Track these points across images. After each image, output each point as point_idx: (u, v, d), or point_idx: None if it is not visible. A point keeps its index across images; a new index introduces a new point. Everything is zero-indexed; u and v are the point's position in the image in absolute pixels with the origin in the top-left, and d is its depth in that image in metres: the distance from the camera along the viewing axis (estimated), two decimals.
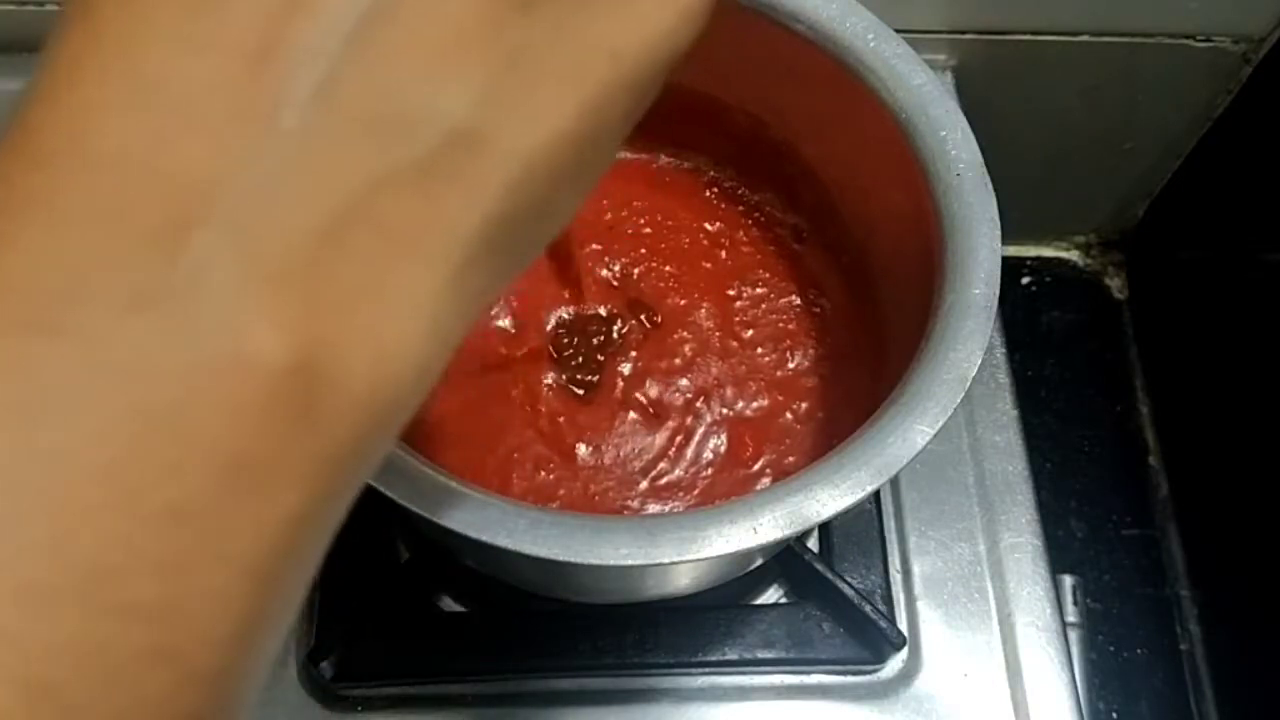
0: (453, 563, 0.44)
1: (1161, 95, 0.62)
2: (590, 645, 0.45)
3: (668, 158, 0.50)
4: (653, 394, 0.44)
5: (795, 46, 0.40)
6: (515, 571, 0.43)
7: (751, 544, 0.31)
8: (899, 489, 0.50)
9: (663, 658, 0.45)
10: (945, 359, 0.34)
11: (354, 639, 0.43)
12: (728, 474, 0.43)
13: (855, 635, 0.45)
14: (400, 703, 0.45)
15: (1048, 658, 0.47)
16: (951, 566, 0.48)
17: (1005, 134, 0.52)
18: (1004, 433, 0.51)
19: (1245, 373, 0.64)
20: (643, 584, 0.42)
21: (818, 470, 0.33)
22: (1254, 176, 0.63)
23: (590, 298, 0.46)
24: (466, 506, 0.31)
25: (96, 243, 0.15)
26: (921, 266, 0.38)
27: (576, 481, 0.43)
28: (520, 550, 0.30)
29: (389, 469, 0.31)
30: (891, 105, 0.39)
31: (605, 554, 0.30)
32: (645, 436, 0.44)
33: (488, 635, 0.45)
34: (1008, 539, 0.49)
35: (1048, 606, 0.47)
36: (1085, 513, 0.68)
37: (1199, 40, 0.58)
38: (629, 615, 0.45)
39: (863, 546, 0.47)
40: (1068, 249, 0.77)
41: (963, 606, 0.47)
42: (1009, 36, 0.59)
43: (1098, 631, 0.62)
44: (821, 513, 0.32)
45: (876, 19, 0.40)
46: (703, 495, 0.43)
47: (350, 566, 0.46)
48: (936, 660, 0.46)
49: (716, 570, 0.42)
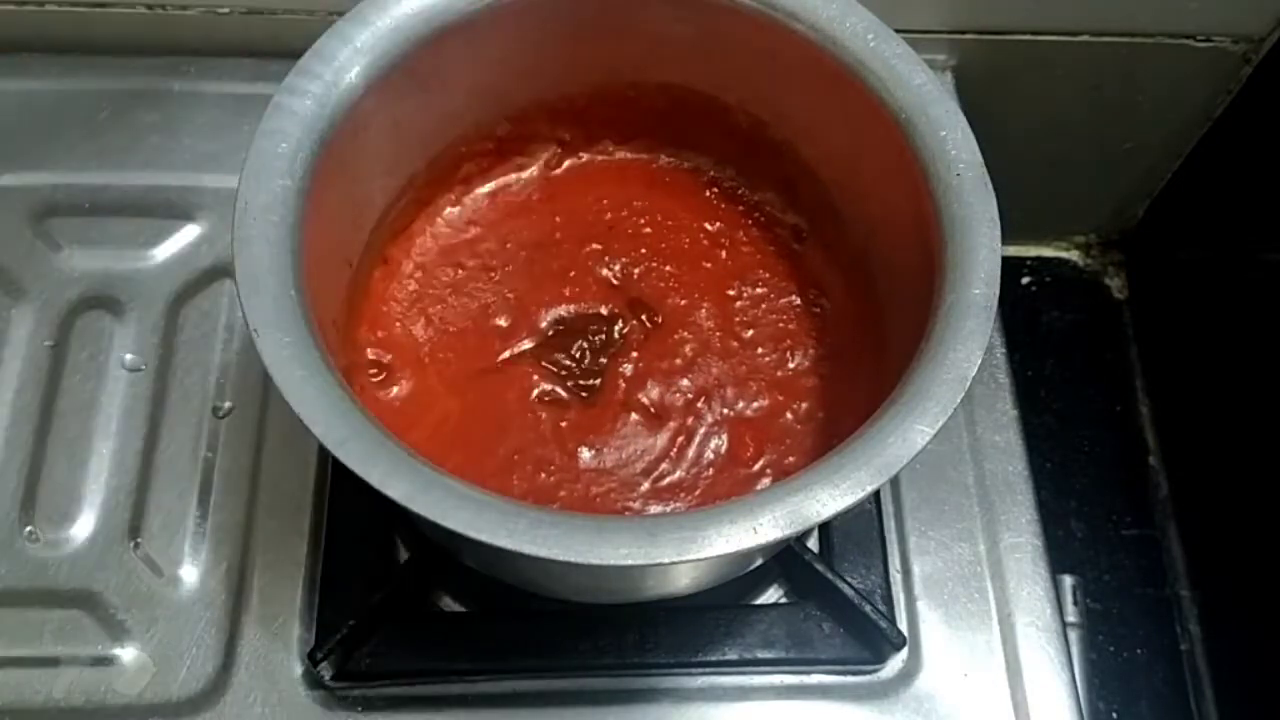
0: (453, 563, 0.44)
1: (1161, 95, 0.62)
2: (590, 645, 0.45)
3: (668, 158, 0.50)
4: (653, 394, 0.44)
5: (795, 46, 0.40)
6: (515, 571, 0.43)
7: (751, 544, 0.31)
8: (899, 489, 0.50)
9: (663, 658, 0.45)
10: (945, 359, 0.34)
11: (354, 639, 0.43)
12: (728, 474, 0.43)
13: (855, 635, 0.45)
14: (400, 703, 0.45)
15: (1048, 658, 0.47)
16: (951, 566, 0.48)
17: (1005, 134, 0.52)
18: (1004, 433, 0.51)
19: (1245, 373, 0.64)
20: (643, 584, 0.42)
21: (818, 470, 0.33)
22: (1254, 176, 0.63)
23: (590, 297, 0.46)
24: (466, 506, 0.31)
25: None
26: (921, 266, 0.38)
27: (578, 483, 0.43)
28: (520, 550, 0.30)
29: (389, 469, 0.31)
30: (891, 105, 0.39)
31: (605, 554, 0.30)
32: (646, 438, 0.44)
33: (488, 635, 0.45)
34: (1008, 539, 0.49)
35: (1048, 606, 0.47)
36: (1085, 513, 0.68)
37: (1199, 40, 0.58)
38: (629, 615, 0.45)
39: (863, 546, 0.47)
40: (1068, 249, 0.77)
41: (963, 606, 0.48)
42: (1009, 36, 0.59)
43: (1098, 631, 0.62)
44: (821, 513, 0.32)
45: (876, 19, 0.40)
46: (703, 496, 0.43)
47: (350, 566, 0.46)
48: (936, 660, 0.46)
49: (717, 570, 0.42)
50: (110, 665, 0.45)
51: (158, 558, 0.47)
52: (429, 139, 0.45)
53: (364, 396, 0.43)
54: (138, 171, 0.55)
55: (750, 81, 0.45)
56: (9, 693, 0.44)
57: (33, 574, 0.46)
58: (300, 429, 0.32)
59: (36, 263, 0.53)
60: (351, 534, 0.46)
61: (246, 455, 0.49)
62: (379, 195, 0.44)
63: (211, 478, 0.48)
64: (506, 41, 0.42)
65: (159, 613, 0.46)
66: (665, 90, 0.46)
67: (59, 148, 0.55)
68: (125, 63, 0.58)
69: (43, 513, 0.47)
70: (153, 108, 0.57)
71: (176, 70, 0.58)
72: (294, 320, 0.33)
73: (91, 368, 0.50)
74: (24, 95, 0.57)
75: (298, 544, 0.47)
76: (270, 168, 0.36)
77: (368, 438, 0.32)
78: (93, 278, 0.52)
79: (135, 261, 0.53)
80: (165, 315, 0.52)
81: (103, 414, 0.49)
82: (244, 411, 0.50)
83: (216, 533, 0.47)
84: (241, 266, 0.34)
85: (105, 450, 0.49)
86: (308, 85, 0.37)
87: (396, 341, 0.45)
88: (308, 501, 0.48)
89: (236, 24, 0.58)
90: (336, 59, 0.38)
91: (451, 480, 0.32)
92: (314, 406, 0.32)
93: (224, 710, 0.44)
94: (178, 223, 0.54)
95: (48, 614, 0.45)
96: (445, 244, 0.47)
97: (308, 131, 0.37)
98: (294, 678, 0.45)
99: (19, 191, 0.54)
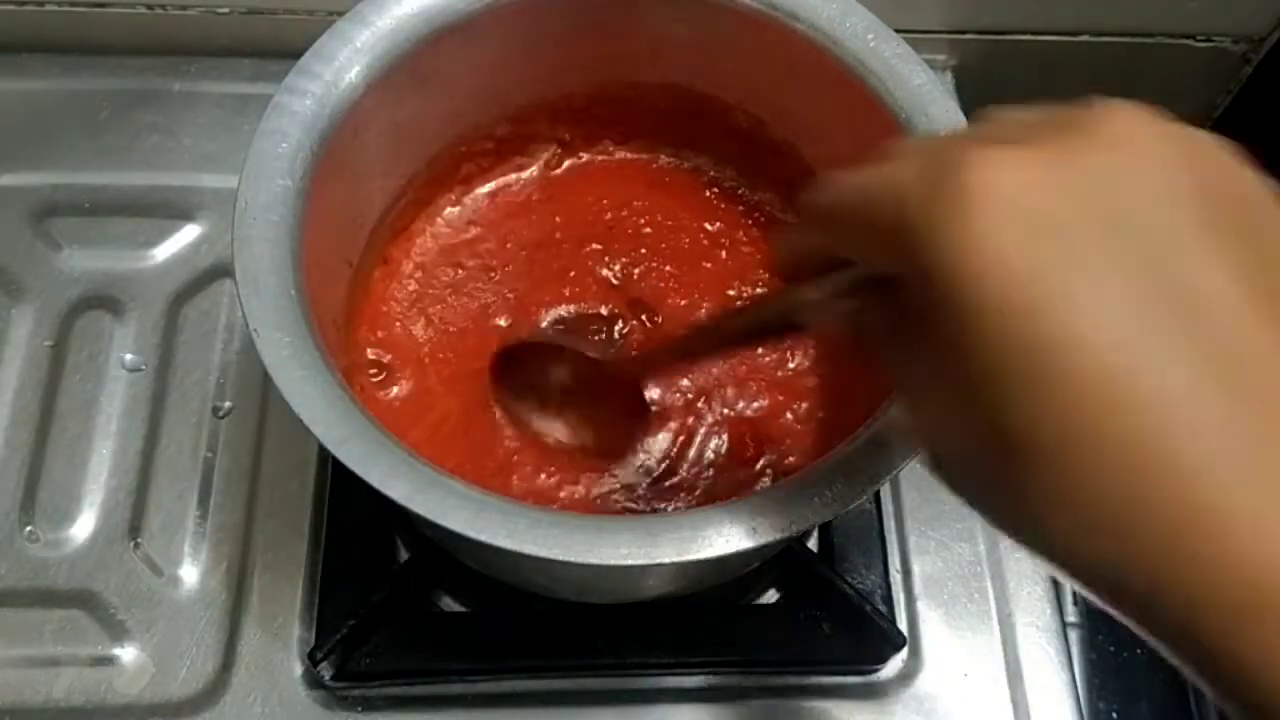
0: (453, 563, 0.44)
1: (1161, 95, 0.62)
2: (590, 645, 0.45)
3: (668, 158, 0.50)
4: (653, 394, 0.44)
5: (795, 46, 0.40)
6: (515, 571, 0.43)
7: (751, 544, 0.31)
8: (899, 489, 0.50)
9: (663, 658, 0.45)
10: None
11: (354, 639, 0.43)
12: (728, 474, 0.43)
13: (855, 635, 0.45)
14: (400, 703, 0.45)
15: (1048, 658, 0.47)
16: (951, 566, 0.48)
17: None
18: None
19: None
20: (643, 584, 0.42)
21: (818, 470, 0.33)
22: None
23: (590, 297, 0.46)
24: (466, 506, 0.31)
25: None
26: None
27: (578, 484, 0.43)
28: (520, 550, 0.30)
29: (389, 469, 0.31)
30: (891, 105, 0.39)
31: (605, 554, 0.30)
32: (647, 438, 0.44)
33: (488, 635, 0.45)
34: (1008, 539, 0.49)
35: (1048, 606, 0.47)
36: None
37: (1199, 40, 0.58)
38: (629, 615, 0.45)
39: (863, 546, 0.47)
40: None
41: (963, 606, 0.47)
42: (1009, 36, 0.59)
43: (1098, 631, 0.62)
44: (821, 513, 0.32)
45: (876, 19, 0.40)
46: (704, 495, 0.43)
47: (350, 566, 0.46)
48: (936, 660, 0.46)
49: (717, 569, 0.42)
50: (110, 665, 0.45)
51: (158, 558, 0.47)
52: (429, 139, 0.45)
53: (364, 396, 0.43)
54: (138, 171, 0.55)
55: (750, 81, 0.45)
56: (9, 693, 0.44)
57: (33, 574, 0.46)
58: (300, 429, 0.32)
59: (36, 263, 0.53)
60: (351, 534, 0.46)
61: (246, 455, 0.49)
62: (379, 195, 0.44)
63: (211, 478, 0.48)
64: (506, 41, 0.42)
65: (159, 613, 0.46)
66: (665, 90, 0.46)
67: (59, 148, 0.55)
68: (125, 63, 0.58)
69: (43, 513, 0.47)
70: (153, 108, 0.57)
71: (176, 70, 0.58)
72: (294, 320, 0.33)
73: (91, 368, 0.50)
74: (24, 95, 0.57)
75: (298, 544, 0.47)
76: (270, 168, 0.36)
77: (368, 438, 0.32)
78: (93, 278, 0.52)
79: (135, 261, 0.53)
80: (165, 315, 0.52)
81: (103, 414, 0.49)
82: (244, 411, 0.50)
83: (216, 533, 0.47)
84: (241, 266, 0.34)
85: (105, 450, 0.49)
86: (308, 85, 0.37)
87: (396, 341, 0.45)
88: (308, 501, 0.48)
89: (236, 24, 0.58)
90: (336, 59, 0.38)
91: (451, 480, 0.32)
92: (314, 406, 0.32)
93: (224, 710, 0.44)
94: (178, 223, 0.54)
95: (48, 614, 0.45)
96: (445, 244, 0.47)
97: (308, 131, 0.37)
98: (294, 678, 0.45)
99: (19, 191, 0.54)
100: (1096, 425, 0.20)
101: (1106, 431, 0.20)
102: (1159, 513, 0.20)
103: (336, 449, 0.31)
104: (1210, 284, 0.20)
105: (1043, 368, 0.20)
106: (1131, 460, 0.20)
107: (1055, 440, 0.20)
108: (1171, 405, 0.20)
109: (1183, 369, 0.20)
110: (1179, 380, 0.20)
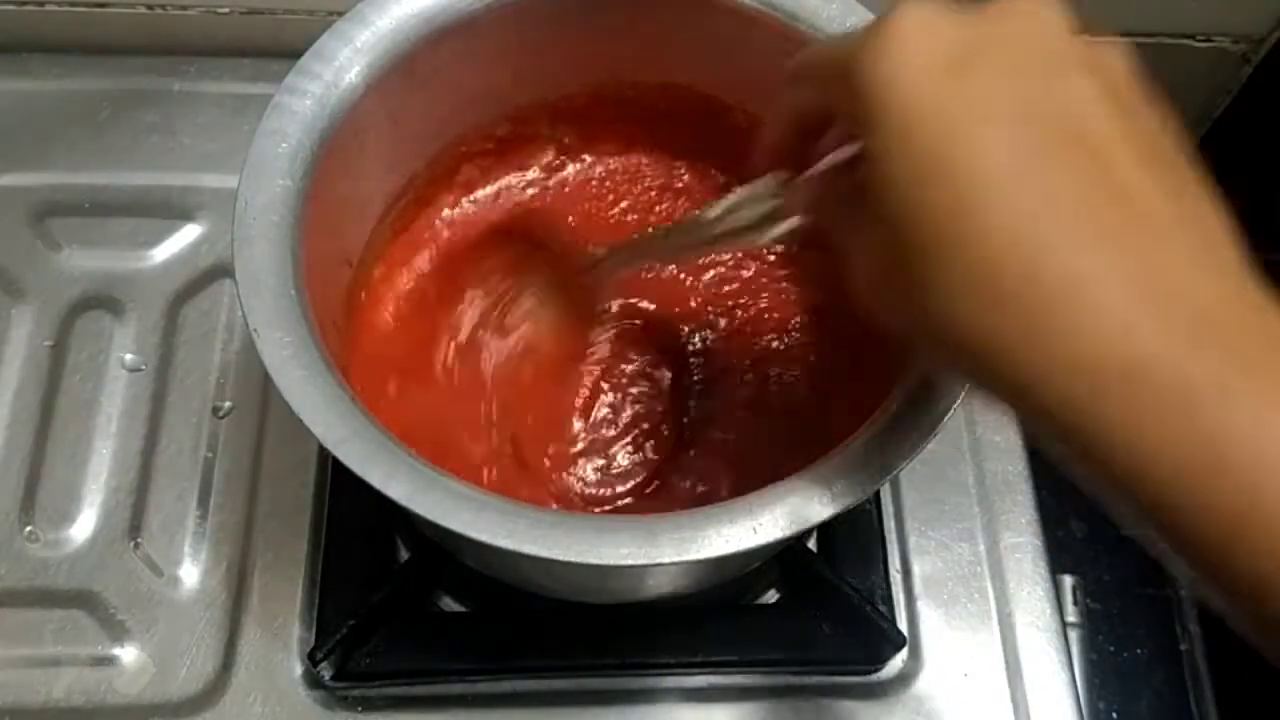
0: (453, 563, 0.44)
1: (1161, 95, 0.62)
2: (590, 645, 0.45)
3: (669, 159, 0.50)
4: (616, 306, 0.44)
5: (796, 46, 0.40)
6: (515, 571, 0.43)
7: (751, 544, 0.31)
8: (899, 489, 0.50)
9: (663, 658, 0.45)
10: None
11: (354, 639, 0.43)
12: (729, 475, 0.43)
13: (855, 635, 0.45)
14: (400, 703, 0.45)
15: (1048, 658, 0.47)
16: (951, 566, 0.48)
17: None
18: (1004, 433, 0.51)
19: None
20: (643, 584, 0.42)
21: (818, 470, 0.33)
22: (1254, 177, 0.63)
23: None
24: (466, 506, 0.31)
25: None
26: None
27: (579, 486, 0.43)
28: (520, 550, 0.30)
29: (389, 469, 0.31)
30: None
31: (605, 554, 0.30)
32: (648, 438, 0.44)
33: (488, 635, 0.45)
34: (1008, 539, 0.49)
35: (1048, 606, 0.47)
36: (1085, 513, 0.68)
37: (1199, 40, 0.58)
38: (629, 615, 0.45)
39: (863, 546, 0.47)
40: None
41: (963, 606, 0.48)
42: None
43: (1098, 631, 0.62)
44: (821, 513, 0.32)
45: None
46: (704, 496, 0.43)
47: (350, 566, 0.46)
48: (936, 660, 0.46)
49: (717, 569, 0.42)
50: (110, 665, 0.45)
51: (158, 558, 0.47)
52: (429, 139, 0.45)
53: (364, 396, 0.43)
54: (138, 171, 0.55)
55: (750, 81, 0.45)
56: (9, 693, 0.44)
57: (33, 574, 0.46)
58: (300, 429, 0.32)
59: (36, 263, 0.53)
60: (351, 534, 0.46)
61: (246, 455, 0.49)
62: (379, 195, 0.44)
63: (211, 478, 0.48)
64: (506, 41, 0.42)
65: (159, 613, 0.46)
66: (665, 90, 0.46)
67: (59, 148, 0.55)
68: (125, 63, 0.58)
69: (43, 513, 0.47)
70: (153, 108, 0.57)
71: (176, 70, 0.58)
72: (294, 320, 0.33)
73: (91, 368, 0.50)
74: (24, 95, 0.57)
75: (298, 544, 0.47)
76: (270, 168, 0.36)
77: (368, 438, 0.32)
78: (93, 278, 0.52)
79: (135, 261, 0.53)
80: (165, 315, 0.52)
81: (103, 414, 0.49)
82: (244, 411, 0.50)
83: (216, 533, 0.47)
84: (241, 266, 0.34)
85: (105, 450, 0.49)
86: (308, 85, 0.37)
87: (396, 341, 0.45)
88: (308, 501, 0.48)
89: (236, 24, 0.58)
90: (336, 59, 0.38)
91: (451, 480, 0.32)
92: (314, 406, 0.32)
93: (224, 710, 0.44)
94: (178, 223, 0.54)
95: (48, 614, 0.45)
96: (445, 244, 0.47)
97: (308, 131, 0.37)
98: (294, 678, 0.45)
99: (19, 191, 0.54)
100: (983, 221, 0.23)
101: (991, 225, 0.23)
102: (1024, 289, 0.23)
103: (336, 449, 0.31)
104: (1082, 107, 0.25)
105: (945, 171, 0.24)
106: (1008, 247, 0.23)
107: (955, 237, 0.24)
108: (1046, 198, 0.23)
109: (1057, 176, 0.24)
110: (1055, 186, 0.24)
